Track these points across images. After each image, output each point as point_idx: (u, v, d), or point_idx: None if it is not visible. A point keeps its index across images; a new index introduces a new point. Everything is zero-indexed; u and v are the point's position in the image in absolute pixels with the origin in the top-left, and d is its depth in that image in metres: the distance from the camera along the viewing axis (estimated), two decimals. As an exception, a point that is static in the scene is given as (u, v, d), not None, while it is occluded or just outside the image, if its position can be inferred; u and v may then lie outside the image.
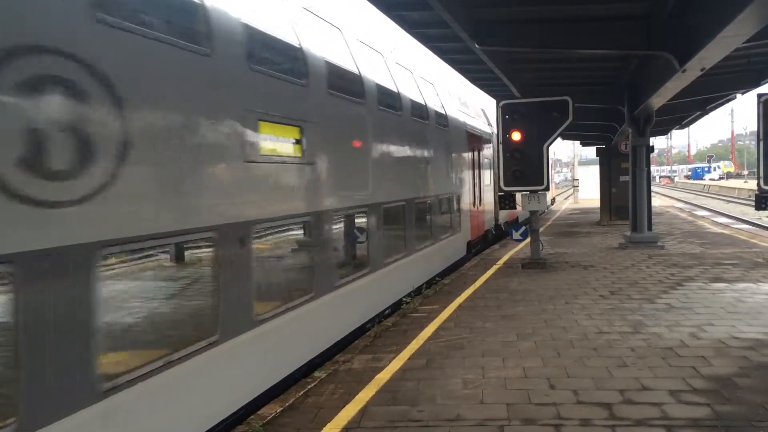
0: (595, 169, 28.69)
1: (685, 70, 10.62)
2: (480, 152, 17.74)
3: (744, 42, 9.20)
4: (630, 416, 5.16)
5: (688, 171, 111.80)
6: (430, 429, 5.11)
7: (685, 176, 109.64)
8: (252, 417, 5.51)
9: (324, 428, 5.21)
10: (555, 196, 50.34)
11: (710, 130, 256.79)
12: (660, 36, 10.71)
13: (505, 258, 15.43)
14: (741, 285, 10.61)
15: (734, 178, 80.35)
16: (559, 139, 22.41)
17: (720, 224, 24.29)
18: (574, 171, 50.55)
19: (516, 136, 12.71)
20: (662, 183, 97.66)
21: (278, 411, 5.61)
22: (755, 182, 12.27)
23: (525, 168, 12.73)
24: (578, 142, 41.25)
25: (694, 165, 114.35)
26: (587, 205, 37.80)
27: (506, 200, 13.26)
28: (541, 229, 19.33)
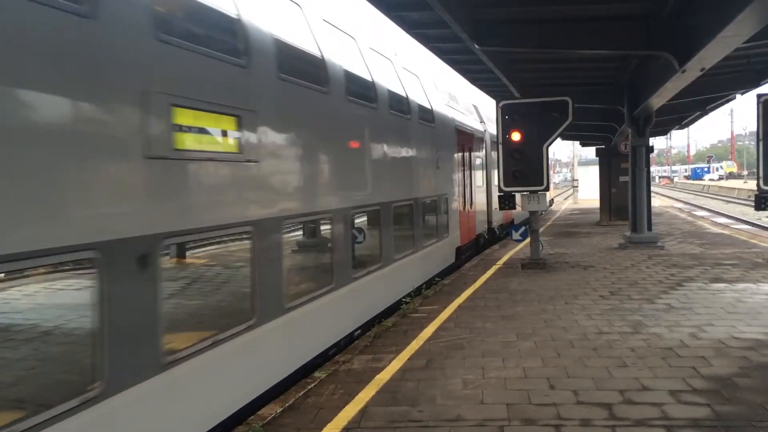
0: (595, 170, 28.71)
1: (685, 71, 10.64)
2: (471, 151, 16.66)
3: (744, 42, 9.22)
4: (630, 416, 5.16)
5: (687, 171, 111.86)
6: (431, 429, 5.11)
7: (685, 176, 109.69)
8: (252, 417, 5.51)
9: (324, 428, 5.21)
10: (553, 198, 46.53)
11: (710, 131, 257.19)
12: (660, 36, 10.72)
13: (505, 258, 15.44)
14: (741, 285, 10.61)
15: (735, 179, 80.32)
16: (559, 140, 22.40)
17: (720, 224, 24.32)
18: (574, 171, 50.59)
19: (516, 137, 12.71)
20: (662, 183, 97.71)
21: (278, 411, 5.61)
22: (755, 182, 12.29)
23: (525, 168, 12.74)
24: (578, 143, 41.27)
25: (694, 165, 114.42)
26: (587, 206, 37.80)
27: (506, 201, 13.26)
28: (541, 230, 19.33)
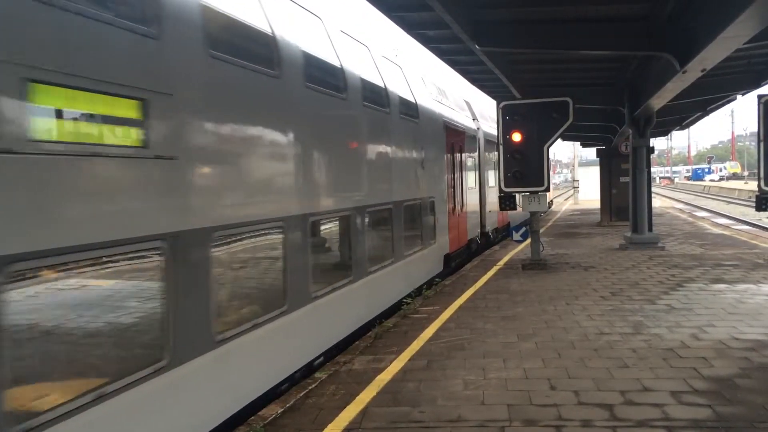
0: (596, 170, 28.69)
1: (686, 71, 10.64)
2: (462, 150, 15.57)
3: (745, 43, 9.22)
4: (631, 417, 5.15)
5: (687, 172, 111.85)
6: (431, 430, 5.11)
7: (686, 177, 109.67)
8: (253, 418, 5.51)
9: (325, 429, 5.21)
10: (552, 199, 43.13)
11: (710, 131, 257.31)
12: (660, 37, 10.72)
13: (506, 259, 15.43)
14: (741, 286, 10.61)
15: (739, 179, 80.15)
16: (560, 140, 22.38)
17: (720, 225, 24.30)
18: (575, 172, 50.54)
19: (516, 137, 12.71)
20: (662, 184, 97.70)
21: (279, 412, 5.61)
22: (755, 183, 12.28)
23: (525, 169, 12.75)
24: (578, 143, 41.21)
25: (695, 166, 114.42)
26: (587, 206, 37.78)
27: (507, 201, 13.27)
28: (542, 230, 19.32)
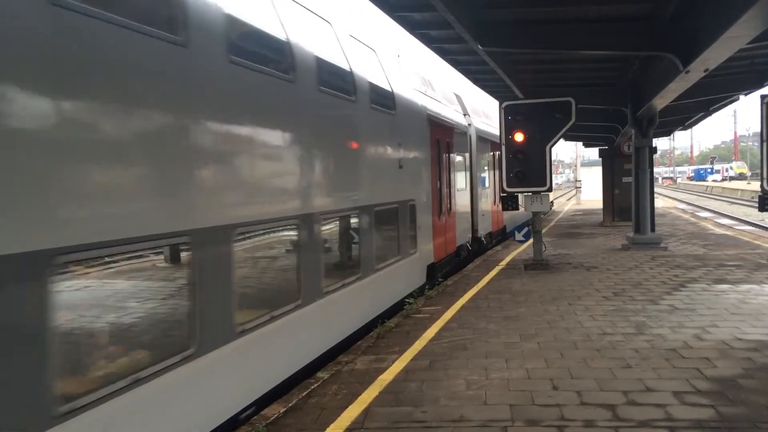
0: (598, 170, 28.65)
1: (689, 71, 10.62)
2: (450, 147, 14.14)
3: (748, 43, 9.20)
4: (634, 417, 5.15)
5: (691, 172, 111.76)
6: (434, 430, 5.10)
7: (688, 177, 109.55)
8: (255, 417, 5.52)
9: (327, 429, 5.21)
10: (552, 201, 39.76)
11: (713, 132, 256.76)
12: (663, 37, 10.70)
13: (508, 259, 15.43)
14: (744, 286, 10.59)
15: (743, 179, 79.87)
16: (562, 140, 22.39)
17: (723, 225, 24.27)
18: (577, 172, 50.49)
19: (519, 137, 12.72)
20: (665, 184, 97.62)
21: (281, 412, 5.62)
22: (758, 183, 12.25)
23: (527, 169, 12.74)
24: (581, 143, 41.16)
25: (697, 166, 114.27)
26: (590, 206, 37.76)
27: (509, 201, 13.28)
28: (544, 230, 19.31)
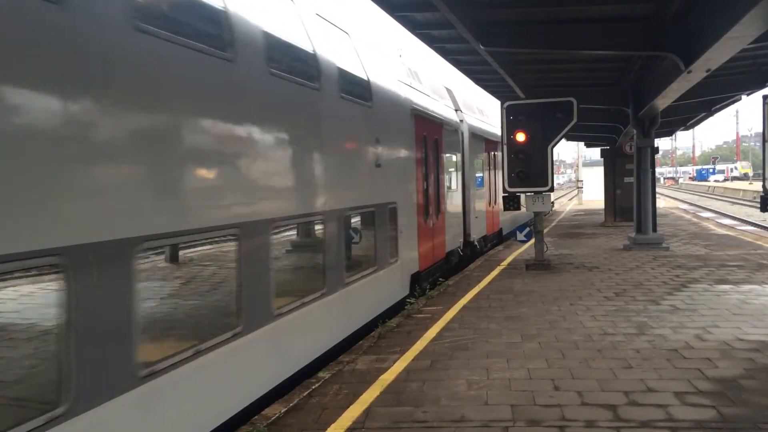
0: (600, 171, 28.64)
1: (691, 71, 10.61)
2: (439, 145, 13.00)
3: (750, 43, 9.18)
4: (635, 418, 5.14)
5: (693, 172, 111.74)
6: (435, 430, 5.10)
7: (690, 177, 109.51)
8: (256, 417, 5.51)
9: (328, 429, 5.21)
10: (553, 201, 37.50)
11: (715, 132, 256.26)
12: (665, 37, 10.70)
13: (509, 259, 15.43)
14: (746, 287, 10.57)
15: (746, 179, 79.69)
16: (564, 140, 22.36)
17: (725, 225, 24.22)
18: (578, 172, 50.46)
19: (520, 137, 12.71)
20: (666, 184, 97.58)
21: (282, 411, 5.61)
22: (760, 184, 12.24)
23: (529, 169, 12.73)
24: (582, 144, 41.13)
25: (699, 167, 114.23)
26: (591, 207, 37.71)
27: (511, 201, 13.27)
28: (545, 231, 19.30)
